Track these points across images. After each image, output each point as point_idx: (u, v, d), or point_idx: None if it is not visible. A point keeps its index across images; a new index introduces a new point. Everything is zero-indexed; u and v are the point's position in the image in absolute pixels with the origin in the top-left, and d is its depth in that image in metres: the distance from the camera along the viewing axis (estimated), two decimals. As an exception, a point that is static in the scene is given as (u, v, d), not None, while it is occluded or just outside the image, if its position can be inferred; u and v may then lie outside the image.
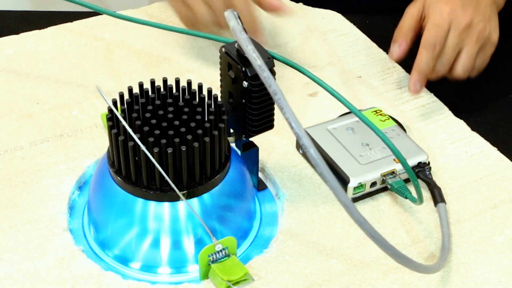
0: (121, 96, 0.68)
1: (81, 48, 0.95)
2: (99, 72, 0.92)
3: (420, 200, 0.71)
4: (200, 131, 0.65)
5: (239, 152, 0.74)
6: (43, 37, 0.97)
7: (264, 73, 0.57)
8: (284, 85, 0.91)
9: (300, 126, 0.56)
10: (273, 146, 0.81)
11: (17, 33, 0.97)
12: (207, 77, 0.91)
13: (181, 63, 0.94)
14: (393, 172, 0.75)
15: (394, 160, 0.76)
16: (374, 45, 0.99)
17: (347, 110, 0.87)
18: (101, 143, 0.81)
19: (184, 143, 0.64)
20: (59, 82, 0.90)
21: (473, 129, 0.84)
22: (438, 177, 0.78)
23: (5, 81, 0.90)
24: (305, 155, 0.80)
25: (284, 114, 0.56)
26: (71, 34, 0.97)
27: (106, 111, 0.67)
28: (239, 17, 0.61)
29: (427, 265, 0.64)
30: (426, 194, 0.75)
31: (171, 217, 0.68)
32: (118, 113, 0.64)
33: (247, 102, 0.69)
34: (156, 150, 0.64)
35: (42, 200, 0.75)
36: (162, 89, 0.69)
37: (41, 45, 0.95)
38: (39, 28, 0.98)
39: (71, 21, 1.00)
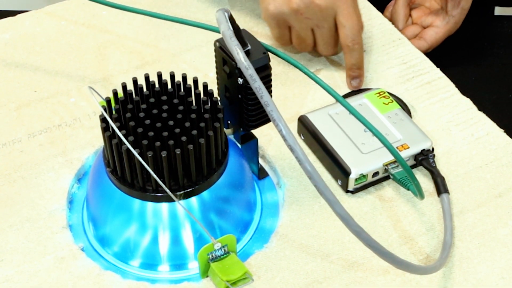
0: (115, 93, 0.67)
1: (78, 28, 0.93)
2: (96, 53, 0.90)
3: (421, 196, 0.69)
4: (195, 132, 0.64)
5: (238, 144, 0.73)
6: (40, 18, 0.95)
7: (255, 83, 0.55)
8: (286, 63, 0.88)
9: (293, 139, 0.55)
10: (274, 132, 0.80)
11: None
12: (207, 59, 0.89)
13: (180, 42, 0.92)
14: (396, 161, 0.73)
15: (397, 148, 0.74)
16: (379, 14, 0.96)
17: (350, 90, 0.85)
18: (99, 132, 0.80)
19: (179, 145, 0.63)
20: (57, 67, 0.88)
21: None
22: (442, 163, 0.76)
23: (3, 68, 0.88)
24: (307, 140, 0.78)
25: (277, 126, 0.55)
26: (68, 13, 0.95)
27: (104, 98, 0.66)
28: (230, 19, 0.59)
29: (426, 266, 0.63)
30: (429, 183, 0.74)
31: (170, 216, 0.67)
32: (112, 123, 0.62)
33: (243, 98, 0.68)
34: (150, 154, 0.63)
35: (41, 196, 0.74)
36: (156, 85, 0.68)
37: (38, 27, 0.94)
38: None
39: (69, -1, 0.98)
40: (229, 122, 0.72)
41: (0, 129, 0.81)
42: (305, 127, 0.78)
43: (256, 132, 0.73)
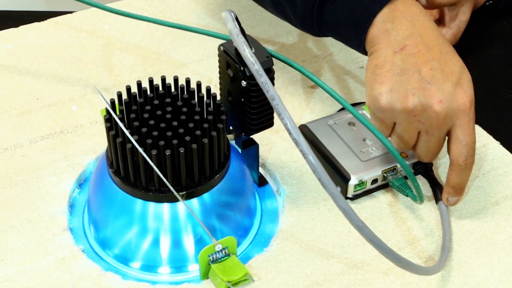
0: (119, 95, 0.68)
1: (80, 41, 0.95)
2: (99, 65, 0.91)
3: (420, 199, 0.70)
4: (198, 132, 0.64)
5: (239, 149, 0.74)
6: (43, 30, 0.96)
7: (261, 78, 0.56)
8: (286, 76, 0.90)
9: (298, 132, 0.55)
10: (273, 141, 0.81)
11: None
12: (207, 71, 0.90)
13: (181, 54, 0.93)
14: (394, 169, 0.75)
15: (395, 156, 0.75)
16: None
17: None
18: (101, 139, 0.81)
19: (183, 144, 0.64)
20: (59, 76, 0.89)
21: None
22: (440, 172, 0.77)
23: (5, 76, 0.89)
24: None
25: (282, 120, 0.56)
26: (71, 26, 0.97)
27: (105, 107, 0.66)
28: (236, 19, 0.61)
29: (427, 267, 0.64)
30: (427, 190, 0.75)
31: (171, 218, 0.68)
32: (116, 117, 0.63)
33: (246, 101, 0.69)
34: (154, 152, 0.63)
35: (42, 199, 0.75)
36: (160, 88, 0.69)
37: (41, 38, 0.95)
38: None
39: (71, 12, 0.99)
40: (231, 127, 0.73)
41: (1, 134, 0.81)
42: (305, 135, 0.79)
43: (256, 140, 0.74)
